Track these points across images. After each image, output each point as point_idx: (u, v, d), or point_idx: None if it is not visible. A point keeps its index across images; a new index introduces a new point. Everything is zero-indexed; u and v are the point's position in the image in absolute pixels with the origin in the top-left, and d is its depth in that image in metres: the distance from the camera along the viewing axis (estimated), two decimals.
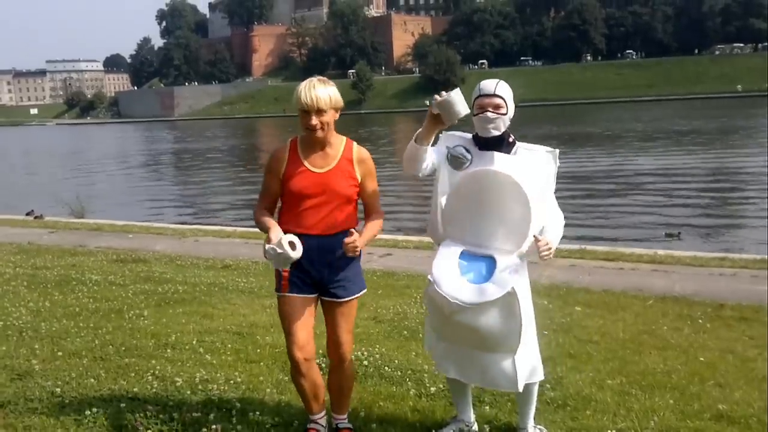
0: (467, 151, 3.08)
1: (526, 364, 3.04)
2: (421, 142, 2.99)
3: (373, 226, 3.11)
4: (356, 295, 3.12)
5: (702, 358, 4.64)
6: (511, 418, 3.45)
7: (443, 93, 2.90)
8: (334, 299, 3.07)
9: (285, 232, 2.94)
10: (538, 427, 3.25)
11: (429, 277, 3.00)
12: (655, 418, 3.44)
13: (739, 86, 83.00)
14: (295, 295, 3.00)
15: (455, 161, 3.08)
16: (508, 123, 3.08)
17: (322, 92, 2.89)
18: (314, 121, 2.89)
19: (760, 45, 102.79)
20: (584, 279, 7.38)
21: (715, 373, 4.33)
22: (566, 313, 5.83)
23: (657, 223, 14.61)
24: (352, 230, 2.97)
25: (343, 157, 3.02)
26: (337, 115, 2.99)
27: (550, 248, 2.92)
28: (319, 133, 2.93)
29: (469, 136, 3.16)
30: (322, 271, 3.02)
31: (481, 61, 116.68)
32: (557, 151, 3.09)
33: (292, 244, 2.83)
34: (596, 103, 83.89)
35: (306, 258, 2.94)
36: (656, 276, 7.61)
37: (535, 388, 3.17)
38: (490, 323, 2.92)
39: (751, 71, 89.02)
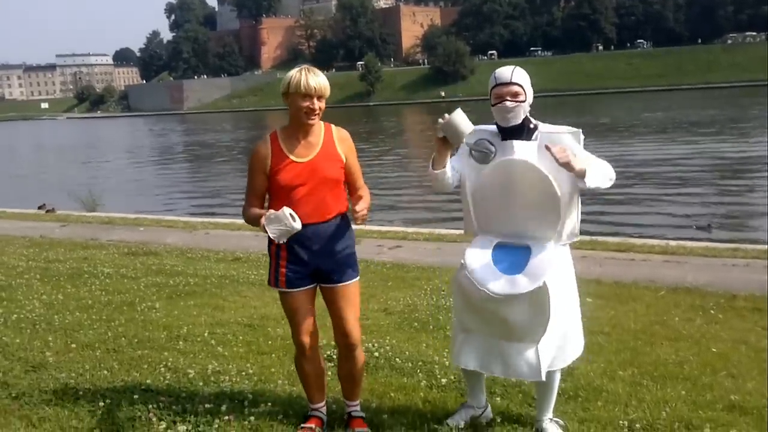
0: (490, 143, 3.06)
1: (549, 351, 3.01)
2: (437, 167, 3.02)
3: (366, 195, 3.13)
4: (355, 279, 3.14)
5: (714, 349, 4.61)
6: (522, 410, 3.45)
7: (446, 115, 2.91)
8: (335, 285, 3.09)
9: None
10: (556, 419, 3.21)
11: (461, 260, 2.99)
12: (667, 408, 3.43)
13: None
14: (297, 290, 3.05)
15: (480, 156, 3.07)
16: (527, 109, 3.05)
17: (323, 79, 2.95)
18: (315, 105, 2.94)
19: None
20: (595, 270, 7.35)
21: (728, 363, 4.30)
22: None
23: (675, 214, 14.52)
24: (361, 204, 2.98)
25: (325, 141, 3.05)
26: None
27: (565, 152, 2.84)
28: (315, 119, 2.98)
29: (492, 127, 3.13)
30: (321, 259, 3.04)
31: (490, 52, 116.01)
32: (580, 130, 3.03)
33: (292, 216, 2.84)
34: (607, 93, 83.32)
35: (304, 248, 3.00)
36: (668, 267, 7.56)
37: (556, 380, 3.14)
38: (518, 315, 2.92)
39: (764, 60, 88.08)
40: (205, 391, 3.54)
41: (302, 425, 3.17)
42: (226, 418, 3.18)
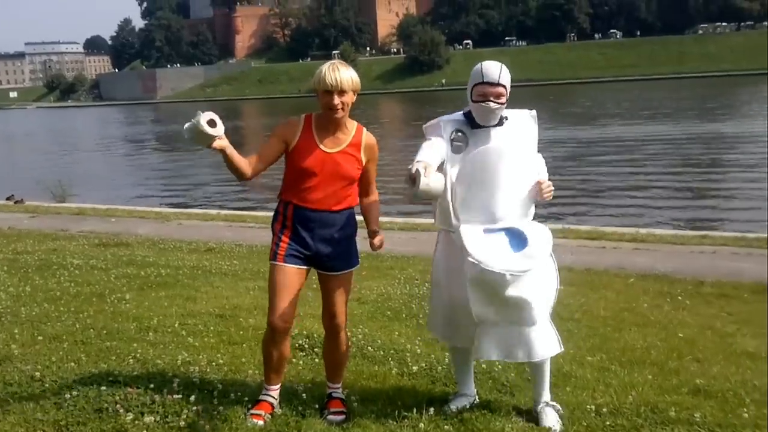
0: (461, 132, 3.09)
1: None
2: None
3: (376, 211, 3.30)
4: (351, 269, 3.24)
5: (681, 335, 4.70)
6: (492, 396, 3.47)
7: (421, 181, 2.85)
8: (330, 272, 3.18)
9: (287, 205, 3.10)
10: (552, 404, 3.22)
11: (470, 259, 2.94)
12: (634, 393, 3.48)
13: None
14: (289, 265, 3.09)
15: (455, 147, 3.09)
16: (504, 107, 3.11)
17: (345, 74, 3.00)
18: (336, 101, 3.00)
19: (742, 24, 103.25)
20: (567, 258, 7.42)
21: (694, 348, 4.39)
22: None
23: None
24: (376, 230, 3.22)
25: (353, 140, 3.12)
26: (354, 98, 3.09)
27: (551, 188, 3.06)
28: (339, 114, 3.03)
29: (460, 116, 3.15)
30: (320, 245, 3.12)
31: (465, 41, 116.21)
32: (534, 111, 3.20)
33: (211, 122, 2.82)
34: (580, 83, 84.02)
35: (307, 231, 3.09)
36: (638, 254, 7.69)
37: (548, 362, 3.19)
38: (534, 288, 2.96)
39: (733, 51, 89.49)
40: (175, 381, 3.50)
41: (252, 411, 3.15)
42: (195, 408, 3.16)
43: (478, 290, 3.01)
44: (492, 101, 3.01)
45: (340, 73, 2.99)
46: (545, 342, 3.07)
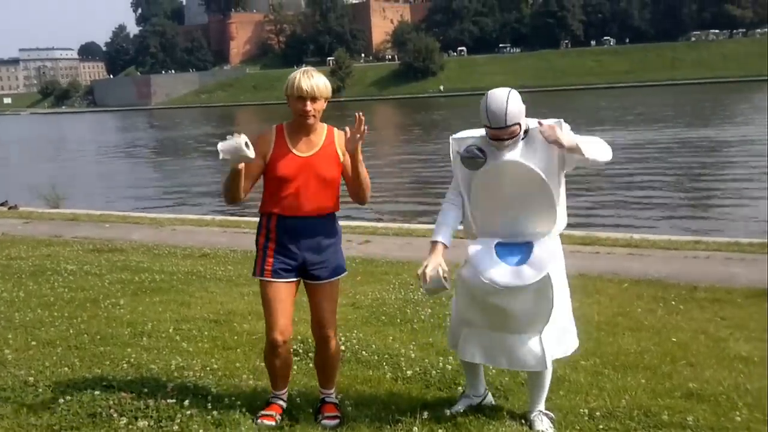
0: (480, 150, 3.07)
1: (551, 341, 3.07)
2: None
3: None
4: (338, 276, 3.23)
5: (674, 339, 4.71)
6: (486, 400, 3.47)
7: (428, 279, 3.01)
8: (318, 281, 3.18)
9: (270, 216, 3.11)
10: (545, 412, 3.22)
11: (465, 257, 3.01)
12: (627, 397, 3.49)
13: None
14: (279, 281, 3.10)
15: (470, 162, 3.07)
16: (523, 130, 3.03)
17: (318, 81, 3.04)
18: (309, 107, 3.03)
19: (734, 31, 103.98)
20: None
21: (687, 353, 4.40)
22: None
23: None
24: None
25: (325, 141, 3.14)
26: (325, 105, 3.12)
27: (554, 129, 2.90)
28: (311, 120, 3.06)
29: (481, 131, 3.12)
30: (307, 254, 3.12)
31: (460, 48, 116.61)
32: (561, 120, 3.05)
33: (247, 144, 2.91)
34: (574, 90, 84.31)
35: (292, 240, 3.09)
36: (632, 259, 7.70)
37: (549, 373, 3.17)
38: (522, 306, 2.95)
39: (726, 57, 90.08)
40: (169, 386, 3.50)
41: (262, 412, 3.19)
42: (189, 413, 3.15)
43: (464, 291, 3.06)
44: (506, 139, 2.98)
45: (314, 80, 3.02)
46: (529, 354, 3.05)
